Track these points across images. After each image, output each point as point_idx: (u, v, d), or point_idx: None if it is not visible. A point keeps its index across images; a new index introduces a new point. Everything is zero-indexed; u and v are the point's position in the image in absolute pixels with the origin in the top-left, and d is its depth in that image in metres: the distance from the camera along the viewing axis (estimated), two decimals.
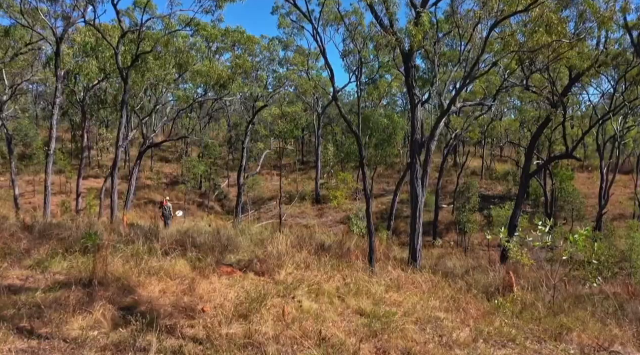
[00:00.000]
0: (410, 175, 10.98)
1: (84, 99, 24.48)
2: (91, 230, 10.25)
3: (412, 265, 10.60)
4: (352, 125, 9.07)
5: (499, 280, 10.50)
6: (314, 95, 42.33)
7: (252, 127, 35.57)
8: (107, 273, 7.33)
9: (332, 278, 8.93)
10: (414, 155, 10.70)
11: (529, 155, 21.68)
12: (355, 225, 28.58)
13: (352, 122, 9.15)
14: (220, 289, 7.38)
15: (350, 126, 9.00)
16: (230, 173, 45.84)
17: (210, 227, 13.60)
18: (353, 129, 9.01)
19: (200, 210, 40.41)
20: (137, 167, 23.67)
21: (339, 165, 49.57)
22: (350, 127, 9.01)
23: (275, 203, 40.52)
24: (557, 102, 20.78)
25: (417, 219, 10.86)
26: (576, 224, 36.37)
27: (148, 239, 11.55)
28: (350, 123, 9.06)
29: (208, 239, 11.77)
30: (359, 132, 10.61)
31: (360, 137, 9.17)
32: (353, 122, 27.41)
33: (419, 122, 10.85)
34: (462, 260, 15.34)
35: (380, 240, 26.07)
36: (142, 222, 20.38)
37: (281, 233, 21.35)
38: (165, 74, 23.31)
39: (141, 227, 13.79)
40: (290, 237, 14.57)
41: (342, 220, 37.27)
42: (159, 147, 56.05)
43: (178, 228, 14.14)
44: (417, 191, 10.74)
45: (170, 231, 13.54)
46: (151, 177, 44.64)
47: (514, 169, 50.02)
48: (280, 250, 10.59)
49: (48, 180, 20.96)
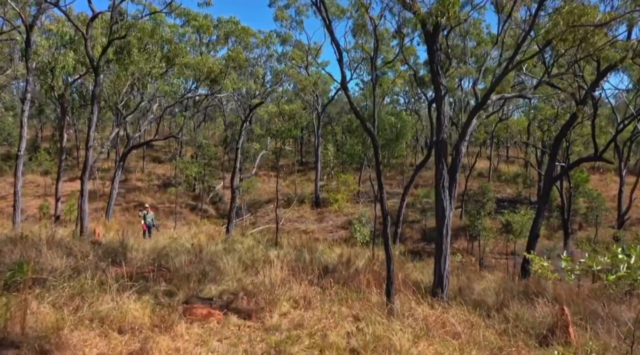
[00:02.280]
0: (435, 184, 8.86)
1: (62, 96, 22.30)
2: (31, 253, 8.13)
3: (438, 296, 8.48)
4: (366, 122, 6.93)
5: (550, 316, 8.39)
6: (313, 93, 40.19)
7: (248, 126, 33.42)
8: (25, 327, 5.20)
9: (340, 321, 6.80)
10: (440, 159, 8.58)
11: (553, 157, 19.56)
12: (358, 232, 26.47)
13: (364, 118, 6.98)
14: (186, 351, 5.25)
15: (364, 122, 6.90)
16: (225, 174, 43.66)
17: (193, 245, 11.40)
18: (367, 126, 6.90)
19: (194, 214, 38.26)
20: (119, 170, 21.52)
21: (340, 166, 47.44)
22: (364, 124, 6.92)
23: (272, 206, 38.35)
24: (584, 98, 18.68)
25: (444, 239, 8.75)
26: (592, 229, 34.37)
27: (112, 261, 9.42)
28: (363, 119, 6.99)
29: (186, 261, 9.62)
30: (375, 130, 8.46)
31: (375, 136, 7.03)
32: (354, 122, 25.46)
33: (445, 117, 8.74)
34: (489, 281, 13.22)
35: None
36: (120, 233, 18.32)
37: (277, 246, 19.27)
38: (151, 67, 21.17)
39: (111, 243, 11.65)
40: (287, 256, 12.48)
41: (344, 225, 35.13)
42: (151, 147, 53.90)
43: (154, 245, 11.99)
44: (444, 204, 8.62)
45: (145, 248, 11.41)
46: (142, 179, 42.45)
47: (522, 170, 47.98)
48: (273, 279, 8.47)
49: (18, 184, 18.85)
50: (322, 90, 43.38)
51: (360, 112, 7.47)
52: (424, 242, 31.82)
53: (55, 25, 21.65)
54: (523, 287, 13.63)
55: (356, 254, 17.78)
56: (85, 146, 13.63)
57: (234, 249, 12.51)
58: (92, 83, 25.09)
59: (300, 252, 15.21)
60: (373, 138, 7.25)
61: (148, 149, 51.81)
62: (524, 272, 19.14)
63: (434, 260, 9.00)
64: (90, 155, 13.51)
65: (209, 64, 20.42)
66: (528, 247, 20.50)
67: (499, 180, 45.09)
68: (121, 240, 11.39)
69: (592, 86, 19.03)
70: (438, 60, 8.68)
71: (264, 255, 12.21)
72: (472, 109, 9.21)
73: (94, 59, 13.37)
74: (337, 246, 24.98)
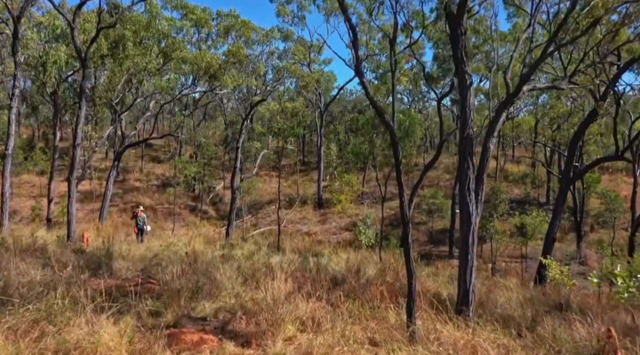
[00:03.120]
0: (459, 185, 7.82)
1: (55, 92, 21.29)
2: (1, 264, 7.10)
3: (464, 314, 7.43)
4: (384, 114, 5.88)
5: (593, 338, 7.36)
6: (316, 91, 39.15)
7: (249, 125, 32.42)
8: None
9: (356, 349, 5.76)
10: (465, 158, 7.55)
11: (570, 157, 18.51)
12: (362, 234, 25.42)
13: (382, 110, 5.91)
14: None
15: (382, 114, 5.91)
16: (226, 175, 42.65)
17: (187, 253, 10.36)
18: (385, 118, 5.87)
19: (193, 215, 37.25)
20: (114, 170, 20.49)
21: (343, 166, 46.39)
22: (382, 116, 5.93)
23: (274, 207, 37.33)
24: (604, 93, 17.64)
25: (470, 248, 7.70)
26: (604, 231, 33.28)
27: (95, 273, 8.42)
28: (381, 110, 6.01)
29: (178, 272, 8.59)
30: (394, 123, 7.36)
31: (394, 130, 6.00)
32: (361, 119, 24.39)
33: (471, 110, 7.70)
34: (509, 290, 12.17)
35: (393, 252, 22.87)
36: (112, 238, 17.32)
37: (279, 251, 18.26)
38: (147, 62, 20.16)
39: (98, 250, 10.61)
40: (291, 264, 11.44)
41: (348, 227, 34.10)
42: (150, 146, 52.90)
43: (145, 253, 10.96)
44: (469, 209, 7.58)
45: (135, 255, 10.40)
46: (141, 179, 41.42)
47: (529, 170, 46.94)
48: (276, 294, 7.43)
49: (5, 185, 17.81)
50: (325, 88, 42.35)
51: (380, 106, 6.43)
52: (431, 244, 30.78)
53: (47, 17, 20.65)
54: (543, 294, 12.63)
55: (363, 260, 16.75)
56: (72, 144, 12.60)
57: (233, 257, 11.48)
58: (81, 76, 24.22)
59: (304, 258, 14.20)
60: (392, 133, 6.21)
61: (147, 148, 50.81)
62: (540, 277, 18.15)
63: (458, 272, 7.96)
64: (77, 154, 12.50)
65: (207, 58, 19.39)
66: (544, 251, 19.39)
67: (506, 181, 43.98)
68: (107, 247, 10.36)
69: (613, 81, 17.98)
70: (463, 45, 7.63)
71: (266, 263, 11.19)
72: (502, 101, 8.17)
73: (81, 51, 12.36)
74: (342, 250, 23.94)
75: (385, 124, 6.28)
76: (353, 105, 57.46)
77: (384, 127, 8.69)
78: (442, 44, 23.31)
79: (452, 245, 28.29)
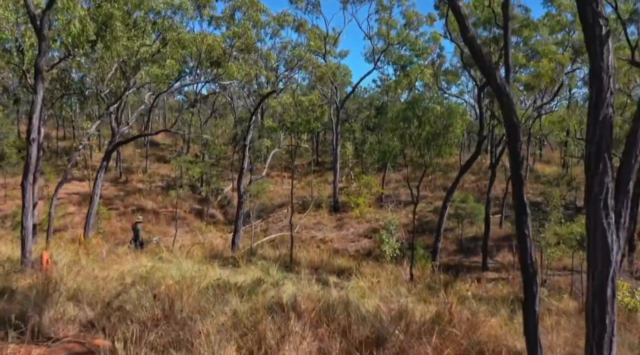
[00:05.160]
0: (588, 199, 4.81)
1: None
2: None
3: None
4: (495, 71, 2.87)
5: None
6: (332, 85, 36.17)
7: (258, 120, 29.56)
8: None
9: None
10: (601, 155, 4.57)
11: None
12: (387, 244, 22.39)
13: (490, 63, 2.75)
14: None
15: (491, 72, 2.82)
16: (235, 175, 39.84)
17: (155, 296, 7.34)
18: (498, 80, 2.80)
19: (199, 220, 34.52)
20: (102, 172, 17.75)
21: (360, 166, 43.39)
22: (490, 76, 2.83)
23: (286, 211, 34.44)
24: None
25: (609, 306, 4.68)
26: None
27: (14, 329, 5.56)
28: (489, 65, 2.89)
29: (146, 320, 5.70)
30: (509, 76, 4.25)
31: (511, 95, 2.95)
32: (390, 112, 21.40)
33: (610, 76, 4.67)
34: None
35: (423, 267, 19.74)
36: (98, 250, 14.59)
37: (292, 267, 15.34)
38: (139, 45, 17.41)
39: (45, 283, 7.73)
40: (309, 302, 8.47)
41: (366, 233, 31.06)
42: (157, 145, 50.42)
43: (110, 286, 8.07)
44: (607, 237, 4.65)
45: (90, 292, 7.55)
46: (144, 180, 38.82)
47: (560, 171, 43.59)
48: None
49: None
50: (341, 82, 39.36)
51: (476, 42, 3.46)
52: (461, 254, 27.61)
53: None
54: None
55: (396, 282, 13.77)
56: (27, 138, 9.79)
57: (231, 290, 8.54)
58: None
59: (324, 284, 11.28)
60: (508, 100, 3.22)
61: (153, 147, 48.32)
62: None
63: (585, 343, 4.91)
64: (33, 152, 9.71)
65: (208, 40, 16.61)
66: None
67: (536, 182, 40.55)
68: (49, 281, 7.45)
69: None
70: None
71: (275, 298, 8.26)
72: None
73: (35, 17, 9.63)
74: (365, 264, 20.86)
75: (496, 90, 3.33)
76: (369, 101, 54.42)
77: (491, 88, 5.50)
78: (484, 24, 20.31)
79: (486, 256, 25.13)
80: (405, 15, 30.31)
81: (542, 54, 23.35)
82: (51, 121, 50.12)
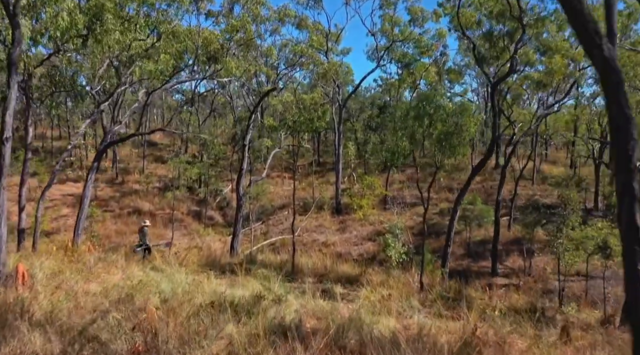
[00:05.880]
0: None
1: (25, 80, 17.63)
2: None
3: None
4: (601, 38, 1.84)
5: None
6: (334, 83, 35.13)
7: (258, 119, 28.55)
8: None
9: None
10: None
11: None
12: (392, 248, 21.36)
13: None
14: None
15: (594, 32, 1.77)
16: (234, 176, 38.81)
17: (133, 330, 6.31)
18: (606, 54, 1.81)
19: (198, 222, 33.50)
20: (92, 173, 16.72)
21: (362, 167, 42.36)
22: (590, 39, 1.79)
23: (287, 213, 33.42)
24: None
25: None
26: None
27: None
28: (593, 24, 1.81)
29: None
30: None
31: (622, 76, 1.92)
32: (398, 110, 20.41)
33: None
34: None
35: (433, 274, 18.68)
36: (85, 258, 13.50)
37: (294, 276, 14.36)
38: (131, 39, 16.41)
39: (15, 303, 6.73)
40: (314, 315, 7.50)
41: (370, 236, 30.01)
42: (155, 145, 49.41)
43: (84, 313, 7.04)
44: None
45: (64, 315, 6.53)
46: (140, 181, 37.79)
47: (567, 172, 42.61)
48: None
49: None
50: (343, 80, 38.31)
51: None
52: (469, 258, 26.57)
53: None
54: None
55: (408, 295, 12.78)
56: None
57: (227, 308, 7.52)
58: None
59: (331, 299, 10.27)
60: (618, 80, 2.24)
61: (150, 147, 47.32)
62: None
63: None
64: (7, 152, 8.69)
65: (204, 33, 15.61)
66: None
67: (543, 183, 39.56)
68: (30, 299, 6.46)
69: None
70: None
71: (276, 321, 7.25)
72: None
73: (8, 2, 8.66)
74: (370, 271, 19.85)
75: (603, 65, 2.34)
76: (371, 100, 53.42)
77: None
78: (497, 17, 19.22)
79: (496, 260, 24.11)
80: (410, 11, 29.34)
81: (554, 49, 22.32)
82: (46, 121, 49.19)
